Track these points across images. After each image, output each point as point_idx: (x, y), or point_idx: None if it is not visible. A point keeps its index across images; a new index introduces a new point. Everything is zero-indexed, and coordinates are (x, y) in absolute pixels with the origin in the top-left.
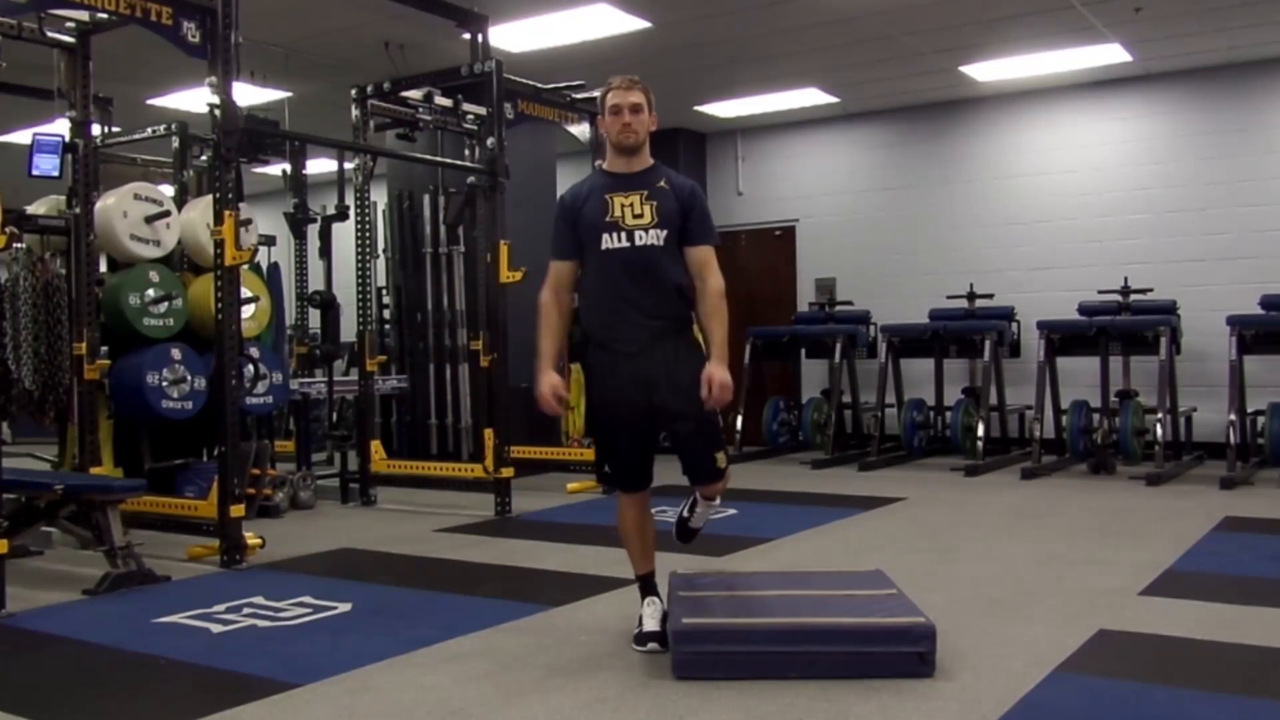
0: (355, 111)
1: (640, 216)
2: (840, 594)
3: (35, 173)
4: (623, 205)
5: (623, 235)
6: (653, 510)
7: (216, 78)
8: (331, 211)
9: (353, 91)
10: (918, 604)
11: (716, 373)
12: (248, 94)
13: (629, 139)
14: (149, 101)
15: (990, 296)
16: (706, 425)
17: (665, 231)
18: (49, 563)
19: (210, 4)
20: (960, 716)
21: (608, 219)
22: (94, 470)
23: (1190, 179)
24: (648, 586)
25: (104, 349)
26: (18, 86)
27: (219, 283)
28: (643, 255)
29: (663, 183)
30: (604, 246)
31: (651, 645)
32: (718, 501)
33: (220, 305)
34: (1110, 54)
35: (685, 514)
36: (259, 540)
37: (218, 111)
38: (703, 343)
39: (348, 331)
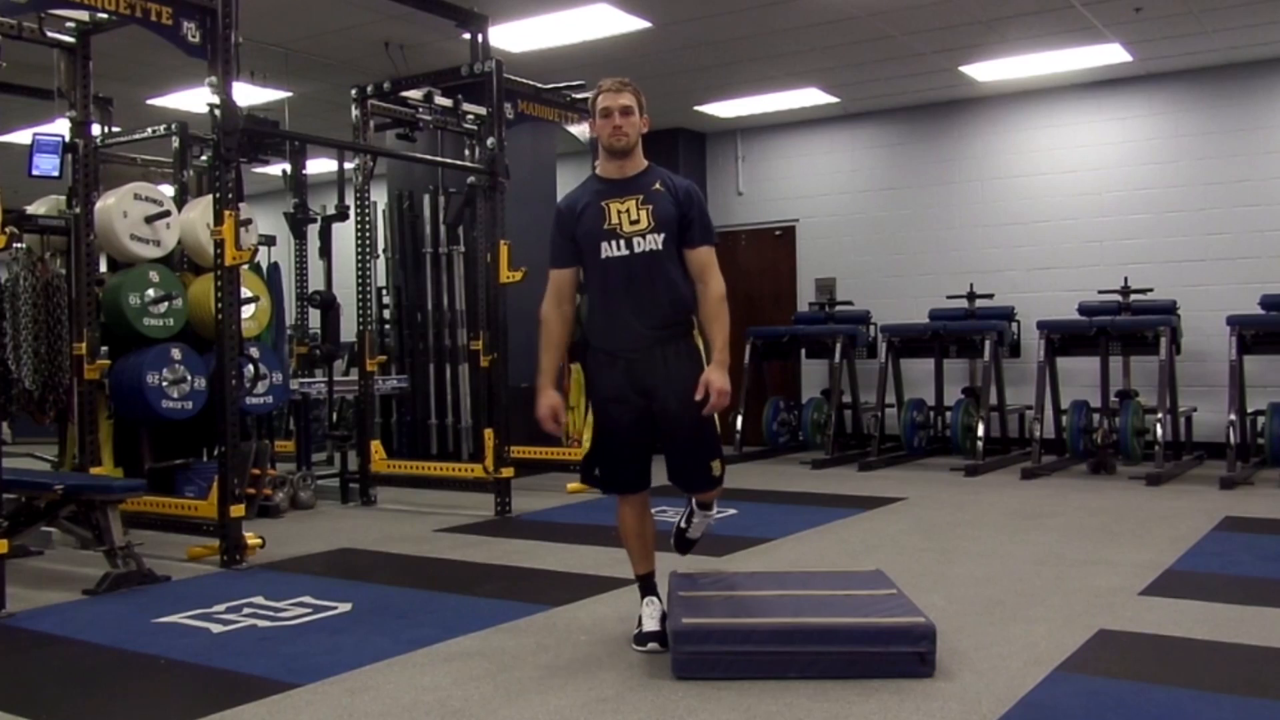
0: (355, 111)
1: (637, 222)
2: (840, 594)
3: (35, 173)
4: (619, 211)
5: (621, 243)
6: (653, 511)
7: (216, 78)
8: (331, 211)
9: (353, 91)
10: (918, 604)
11: (715, 378)
12: (248, 94)
13: (620, 141)
14: (149, 101)
15: (990, 296)
16: (703, 431)
17: (663, 235)
18: (49, 563)
19: (210, 4)
20: (960, 716)
21: (605, 227)
22: (94, 470)
23: (1190, 179)
24: (647, 586)
25: (104, 349)
26: (18, 86)
27: (219, 283)
28: (642, 262)
29: (658, 185)
30: (603, 255)
31: (651, 645)
32: (714, 513)
33: (220, 305)
34: (1110, 54)
35: (683, 524)
36: (259, 540)
37: (218, 111)
38: (703, 348)
39: (348, 331)
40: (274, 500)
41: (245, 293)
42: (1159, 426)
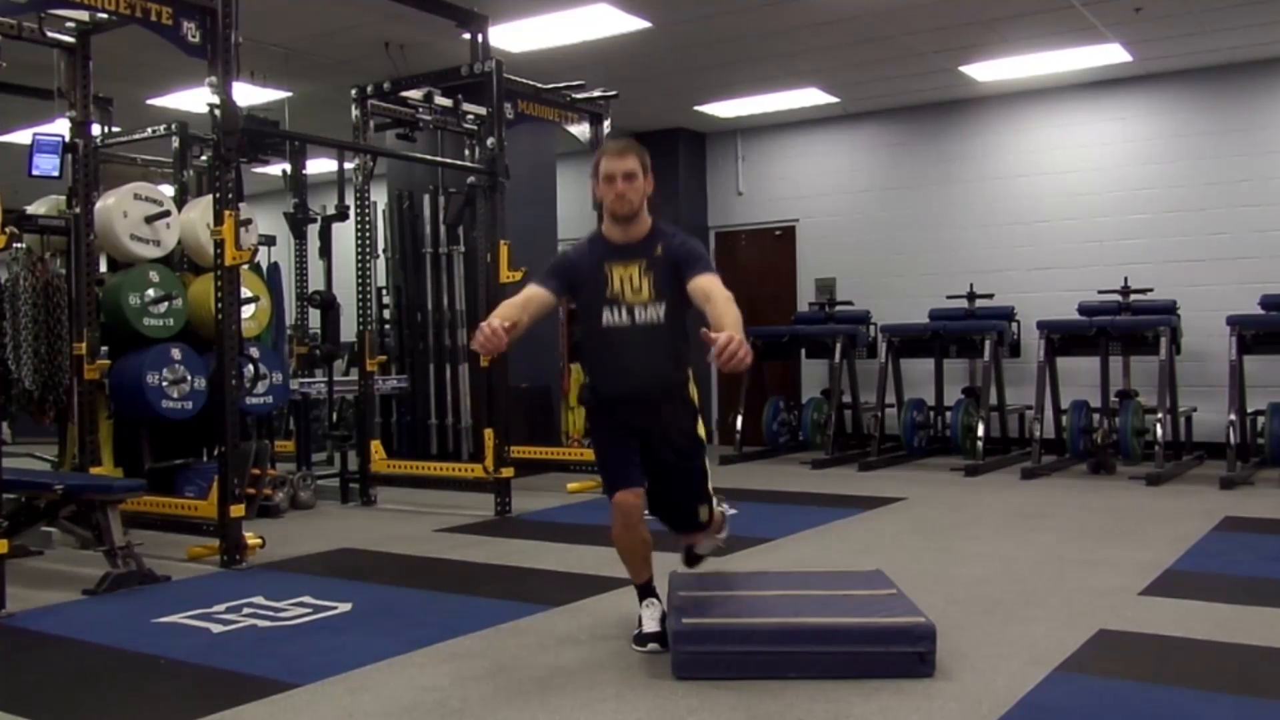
0: (355, 111)
1: (639, 291)
2: (840, 594)
3: (35, 173)
4: (621, 278)
5: (623, 311)
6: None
7: (216, 78)
8: (331, 211)
9: (353, 91)
10: (918, 604)
11: (736, 334)
12: (248, 94)
13: (623, 208)
14: (149, 101)
15: (990, 296)
16: (694, 479)
17: (664, 305)
18: (49, 563)
19: (210, 4)
20: (960, 716)
21: (608, 294)
22: (94, 470)
23: (1190, 179)
24: (647, 590)
25: (104, 349)
26: (18, 86)
27: (219, 283)
28: (644, 332)
29: (659, 249)
30: (604, 323)
31: (651, 646)
32: (724, 535)
33: (220, 305)
34: (1110, 54)
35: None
36: (259, 540)
37: (218, 111)
38: (697, 398)
39: (348, 331)
40: (274, 500)
41: (245, 293)
42: (1159, 426)
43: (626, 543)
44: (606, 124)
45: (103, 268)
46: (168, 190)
